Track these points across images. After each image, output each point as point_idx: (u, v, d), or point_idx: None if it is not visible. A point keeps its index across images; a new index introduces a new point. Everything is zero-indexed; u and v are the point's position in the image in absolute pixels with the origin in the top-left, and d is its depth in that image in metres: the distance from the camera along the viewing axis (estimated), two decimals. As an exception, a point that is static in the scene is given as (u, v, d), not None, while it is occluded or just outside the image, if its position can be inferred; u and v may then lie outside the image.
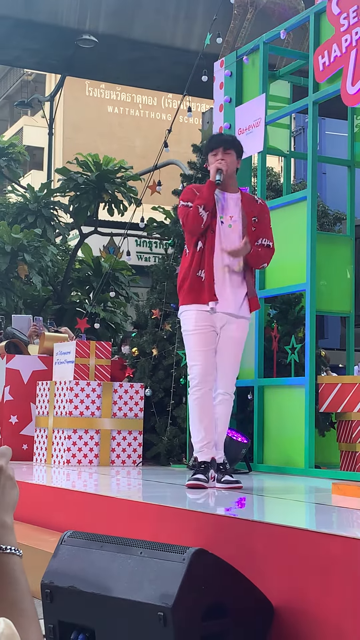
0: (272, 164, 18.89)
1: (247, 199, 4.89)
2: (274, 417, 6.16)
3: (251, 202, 4.89)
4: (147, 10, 12.93)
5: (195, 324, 4.70)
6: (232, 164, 4.82)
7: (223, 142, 4.87)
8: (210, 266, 4.70)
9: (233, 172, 4.85)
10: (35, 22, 12.73)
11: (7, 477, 1.31)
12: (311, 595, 2.77)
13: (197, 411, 4.69)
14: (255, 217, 4.82)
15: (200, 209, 4.70)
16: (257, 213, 4.84)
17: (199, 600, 2.58)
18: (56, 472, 5.91)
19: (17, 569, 1.27)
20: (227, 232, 4.75)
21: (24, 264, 13.31)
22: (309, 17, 6.12)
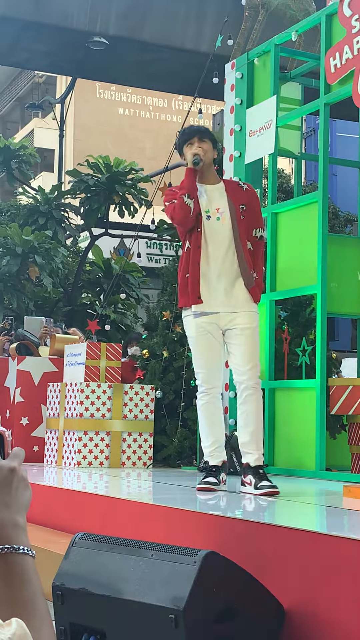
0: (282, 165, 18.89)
1: (232, 187, 4.75)
2: (284, 420, 6.15)
3: (236, 189, 4.73)
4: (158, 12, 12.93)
5: (196, 329, 4.61)
6: (209, 153, 4.70)
7: (198, 132, 4.75)
8: (195, 266, 4.57)
9: (210, 161, 4.73)
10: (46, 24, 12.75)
11: (20, 478, 1.31)
12: (322, 598, 2.76)
13: (205, 416, 4.64)
14: (243, 205, 4.66)
15: (185, 198, 4.57)
16: (245, 200, 4.69)
17: (210, 603, 2.58)
18: (67, 474, 5.91)
19: (30, 569, 1.28)
20: (215, 226, 4.61)
21: (35, 265, 13.32)
22: (321, 19, 6.11)
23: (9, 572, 1.25)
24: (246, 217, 4.66)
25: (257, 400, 4.55)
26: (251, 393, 4.54)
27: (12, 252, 13.25)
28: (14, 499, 1.30)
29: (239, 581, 2.71)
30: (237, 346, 4.57)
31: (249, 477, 4.45)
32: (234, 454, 5.71)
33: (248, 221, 4.66)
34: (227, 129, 6.98)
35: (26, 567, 1.27)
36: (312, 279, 5.97)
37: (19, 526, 1.29)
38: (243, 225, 4.63)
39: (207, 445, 4.63)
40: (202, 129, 4.84)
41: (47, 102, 20.93)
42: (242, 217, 4.64)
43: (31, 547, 1.30)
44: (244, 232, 4.63)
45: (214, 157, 4.78)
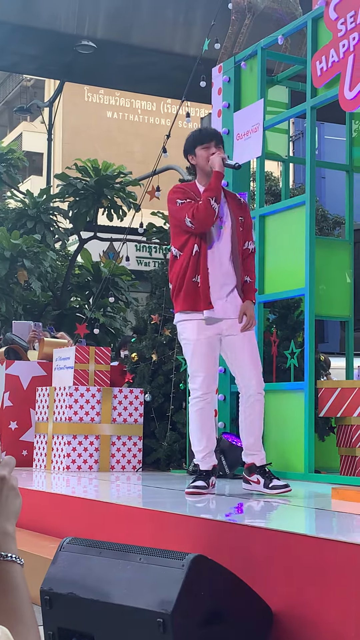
0: (271, 168, 18.92)
1: (232, 199, 4.83)
2: (273, 422, 6.16)
3: (236, 201, 4.83)
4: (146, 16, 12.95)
5: (198, 334, 4.62)
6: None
7: (215, 137, 4.77)
8: (205, 271, 4.60)
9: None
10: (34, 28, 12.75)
11: (10, 487, 1.32)
12: (310, 601, 2.77)
13: (198, 421, 4.66)
14: (241, 218, 4.78)
15: (211, 201, 4.58)
16: (243, 214, 4.81)
17: (198, 606, 2.58)
18: (56, 478, 5.91)
19: (17, 576, 1.28)
20: (219, 232, 4.68)
21: (24, 269, 13.31)
22: (307, 22, 6.13)
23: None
24: (243, 229, 4.78)
25: (262, 405, 4.69)
26: (258, 399, 4.65)
27: (1, 256, 13.22)
28: (3, 507, 1.30)
29: (227, 584, 2.72)
30: (241, 352, 4.64)
31: (256, 476, 4.59)
32: (223, 456, 5.72)
33: (244, 234, 4.78)
34: (214, 132, 6.99)
35: (14, 574, 1.28)
36: (300, 281, 5.98)
37: (8, 534, 1.29)
38: (241, 237, 4.75)
39: (199, 450, 4.66)
40: (219, 135, 4.87)
41: (35, 106, 20.93)
42: (240, 229, 4.76)
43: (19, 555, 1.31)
44: (241, 241, 4.75)
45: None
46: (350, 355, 6.77)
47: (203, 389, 4.62)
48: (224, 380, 6.56)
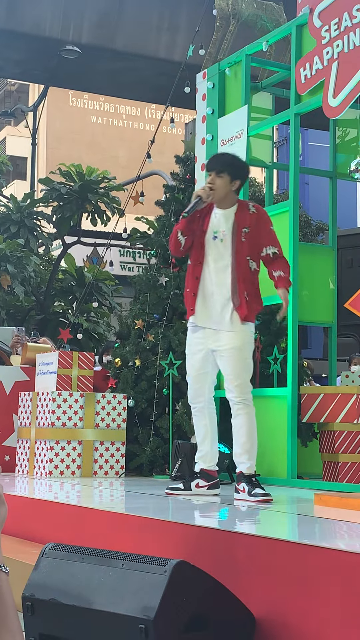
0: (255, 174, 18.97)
1: (241, 210, 4.89)
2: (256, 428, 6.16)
3: (244, 212, 4.87)
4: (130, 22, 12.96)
5: (190, 346, 4.91)
6: (223, 188, 4.82)
7: (215, 167, 4.90)
8: (193, 281, 4.83)
9: (227, 193, 4.85)
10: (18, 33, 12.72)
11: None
12: (293, 607, 2.77)
13: (195, 424, 4.98)
14: (246, 228, 4.81)
15: (178, 234, 4.86)
16: (249, 223, 4.83)
17: (181, 612, 2.58)
18: (38, 484, 5.89)
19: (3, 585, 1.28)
20: (218, 247, 4.82)
21: (7, 274, 13.27)
22: (291, 29, 6.15)
23: None
24: (248, 239, 4.81)
25: (246, 415, 4.78)
26: (240, 408, 4.77)
27: (-16, 260, 13.19)
28: None
29: (210, 590, 2.71)
30: (224, 366, 4.80)
31: (242, 484, 4.67)
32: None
33: (250, 243, 4.81)
34: (198, 138, 7.01)
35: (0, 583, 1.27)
36: (283, 287, 5.99)
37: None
38: (244, 247, 4.79)
39: (198, 451, 4.95)
40: (222, 162, 4.95)
41: (19, 110, 20.89)
42: (242, 239, 4.80)
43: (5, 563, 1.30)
44: (243, 253, 4.78)
45: (234, 188, 4.86)
46: (333, 361, 6.79)
47: (190, 399, 4.94)
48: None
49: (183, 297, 5.07)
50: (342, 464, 5.65)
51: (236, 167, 4.92)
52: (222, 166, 4.87)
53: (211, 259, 4.81)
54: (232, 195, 4.89)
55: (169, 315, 6.99)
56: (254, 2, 7.40)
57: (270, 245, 4.87)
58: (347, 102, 5.54)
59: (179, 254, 4.95)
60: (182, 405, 6.56)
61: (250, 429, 4.77)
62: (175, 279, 7.16)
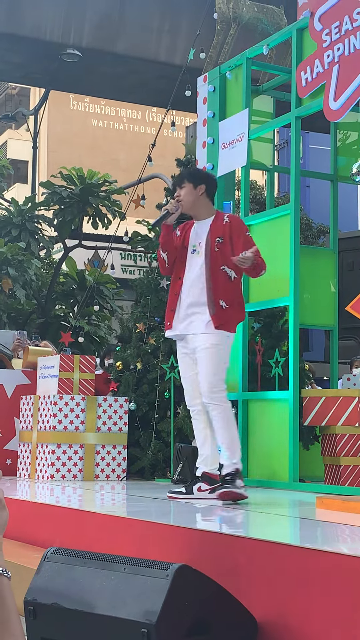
0: (256, 177, 18.98)
1: (216, 221, 4.99)
2: (258, 431, 6.16)
3: (218, 222, 4.97)
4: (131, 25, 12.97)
5: (177, 353, 5.09)
6: (189, 195, 4.97)
7: (175, 182, 5.11)
8: (172, 297, 4.98)
9: (194, 200, 4.98)
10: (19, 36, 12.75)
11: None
12: (295, 611, 2.76)
13: (194, 427, 5.05)
14: (219, 238, 4.90)
15: (160, 252, 5.02)
16: (222, 233, 4.91)
17: (183, 617, 2.58)
18: (40, 487, 5.88)
19: (5, 589, 1.28)
20: (194, 259, 4.94)
21: (8, 277, 13.28)
22: (292, 33, 6.16)
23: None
24: (221, 249, 4.88)
25: (219, 415, 4.81)
26: (212, 408, 4.83)
27: (-15, 264, 13.20)
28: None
29: (212, 594, 2.71)
30: (199, 364, 4.88)
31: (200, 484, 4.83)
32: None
33: (224, 252, 4.87)
34: (199, 141, 7.01)
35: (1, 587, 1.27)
36: (285, 290, 6.00)
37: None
38: (216, 257, 4.87)
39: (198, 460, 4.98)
40: (180, 176, 5.16)
41: (20, 114, 20.92)
42: (216, 249, 4.88)
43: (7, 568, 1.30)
44: (216, 264, 4.85)
45: (200, 193, 4.99)
46: (334, 364, 6.78)
47: (188, 404, 5.04)
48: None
49: None
50: (344, 467, 5.65)
51: (194, 174, 5.09)
52: (181, 179, 5.08)
53: (188, 272, 4.94)
54: (204, 204, 5.01)
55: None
56: (254, 5, 7.41)
57: (247, 249, 4.87)
58: (348, 105, 5.54)
59: (166, 272, 5.09)
60: (184, 408, 6.55)
61: (226, 429, 4.80)
62: (177, 282, 7.15)
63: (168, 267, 5.03)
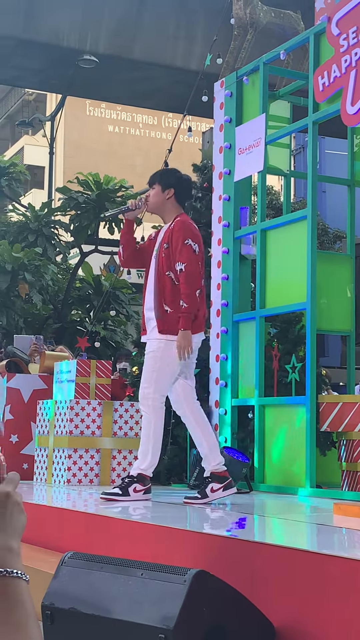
0: (272, 182, 18.96)
1: (170, 225, 5.05)
2: (274, 437, 6.15)
3: (168, 229, 5.03)
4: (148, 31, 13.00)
5: None
6: (155, 197, 5.06)
7: (149, 180, 5.18)
8: (143, 300, 5.09)
9: (160, 203, 5.06)
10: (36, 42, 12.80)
11: (15, 502, 1.32)
12: (312, 617, 2.75)
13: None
14: (166, 244, 4.97)
15: (120, 245, 5.22)
16: (168, 239, 4.97)
17: (200, 622, 2.57)
18: (56, 492, 5.89)
19: (23, 593, 1.28)
20: (152, 264, 5.04)
21: (25, 282, 13.32)
22: (309, 37, 6.15)
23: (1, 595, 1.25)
24: (166, 254, 4.96)
25: (145, 419, 5.00)
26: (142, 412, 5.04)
27: (2, 269, 13.24)
28: (8, 524, 1.30)
29: (229, 600, 2.70)
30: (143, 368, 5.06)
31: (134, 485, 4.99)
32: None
33: (167, 258, 4.96)
34: (216, 146, 7.01)
35: (19, 590, 1.27)
36: (301, 295, 5.99)
37: (13, 550, 1.29)
38: (162, 262, 4.96)
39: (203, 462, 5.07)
40: (151, 176, 5.22)
41: (37, 120, 21.00)
42: (162, 255, 4.97)
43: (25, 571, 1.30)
44: (161, 268, 4.94)
45: (167, 197, 5.05)
46: (351, 369, 6.76)
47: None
48: (225, 394, 6.55)
49: None
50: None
51: (166, 176, 5.13)
52: (153, 178, 5.15)
53: (149, 276, 5.06)
54: (169, 208, 5.06)
55: (186, 323, 6.97)
56: (271, 10, 7.41)
57: (179, 261, 4.92)
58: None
59: (123, 264, 5.28)
60: (200, 413, 6.55)
61: (144, 436, 4.96)
62: (193, 288, 7.15)
63: (123, 260, 5.22)
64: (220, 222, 6.82)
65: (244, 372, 6.50)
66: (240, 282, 6.71)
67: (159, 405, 4.97)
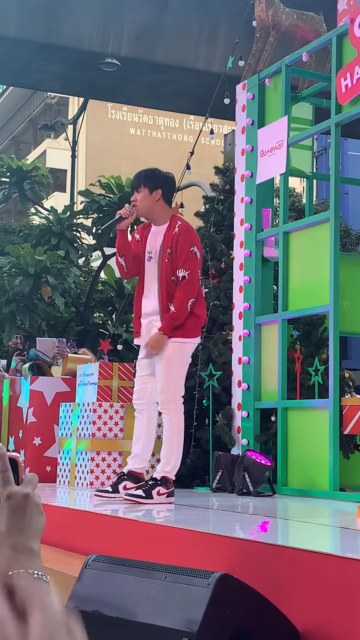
0: (294, 184, 18.92)
1: (170, 229, 4.99)
2: (297, 439, 6.13)
3: (170, 231, 4.96)
4: (169, 34, 13.01)
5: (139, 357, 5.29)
6: (144, 201, 4.98)
7: (133, 185, 5.12)
8: (137, 304, 5.07)
9: (150, 205, 4.99)
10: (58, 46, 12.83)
11: (34, 504, 1.32)
12: (337, 620, 2.74)
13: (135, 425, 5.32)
14: (169, 249, 4.92)
15: (118, 257, 5.08)
16: (171, 243, 4.93)
17: (224, 626, 2.57)
18: (79, 494, 5.90)
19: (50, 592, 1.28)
20: (150, 267, 4.99)
21: (47, 285, 13.36)
22: (332, 39, 6.13)
23: None
24: (170, 260, 4.92)
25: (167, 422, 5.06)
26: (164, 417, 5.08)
27: (25, 272, 13.29)
28: (27, 525, 1.30)
29: (253, 604, 2.69)
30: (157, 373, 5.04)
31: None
32: (246, 473, 5.69)
33: (171, 263, 4.92)
34: (238, 149, 7.01)
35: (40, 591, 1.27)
36: (324, 298, 5.96)
37: (33, 552, 1.29)
38: (167, 267, 4.92)
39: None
40: (136, 178, 5.13)
41: (59, 123, 21.07)
42: (166, 260, 4.92)
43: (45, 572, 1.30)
44: (167, 274, 4.91)
45: (157, 198, 5.00)
46: (374, 372, 6.73)
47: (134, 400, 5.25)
48: (247, 397, 6.54)
49: (222, 309, 5.16)
50: (384, 476, 5.60)
51: (151, 178, 5.04)
52: (138, 181, 5.05)
53: (147, 280, 5.00)
54: (160, 209, 5.00)
55: (208, 326, 6.98)
56: (293, 12, 7.40)
57: (183, 267, 4.91)
58: (389, 111, 5.50)
59: (126, 276, 5.14)
60: (222, 416, 6.54)
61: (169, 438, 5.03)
62: (215, 290, 7.15)
63: (127, 272, 5.08)
64: (242, 225, 6.81)
65: (266, 375, 6.49)
66: (262, 285, 6.69)
67: (180, 407, 5.00)
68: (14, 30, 12.14)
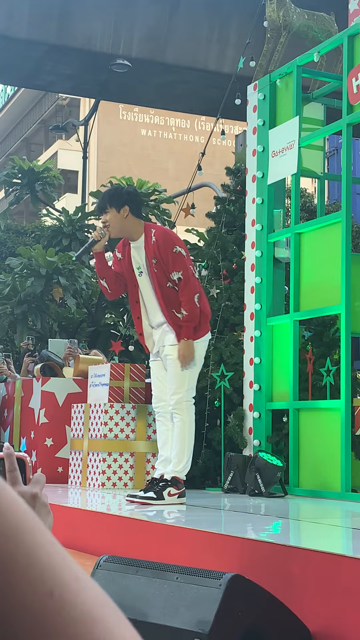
0: (305, 184, 18.90)
1: (147, 240, 5.00)
2: (309, 440, 6.12)
3: (148, 242, 4.98)
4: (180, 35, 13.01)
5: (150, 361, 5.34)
6: (114, 220, 4.99)
7: (99, 207, 5.13)
8: (136, 321, 5.12)
9: (121, 224, 4.99)
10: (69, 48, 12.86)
11: (42, 504, 1.32)
12: (349, 621, 2.73)
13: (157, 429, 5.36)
14: (154, 259, 4.94)
15: (100, 280, 5.15)
16: (153, 253, 4.94)
17: (236, 626, 2.56)
18: (91, 495, 5.91)
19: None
20: (143, 281, 5.02)
21: (59, 286, 13.37)
22: (343, 39, 6.12)
23: None
24: (158, 269, 4.95)
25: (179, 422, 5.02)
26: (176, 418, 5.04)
27: (36, 273, 13.31)
28: None
29: (265, 604, 2.69)
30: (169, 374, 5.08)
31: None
32: (258, 474, 5.69)
33: (161, 271, 4.95)
34: (249, 149, 7.00)
35: None
36: (336, 298, 5.95)
37: None
38: (158, 277, 4.95)
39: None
40: (101, 200, 5.15)
41: (70, 124, 21.09)
42: (155, 270, 4.95)
43: None
44: (160, 282, 4.95)
45: (125, 215, 5.00)
46: (386, 372, 6.71)
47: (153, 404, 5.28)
48: (259, 398, 6.53)
49: (234, 309, 5.19)
50: None
51: (115, 196, 5.05)
52: (103, 203, 5.06)
53: (143, 294, 5.03)
54: (131, 224, 5.01)
55: (220, 327, 6.98)
56: (305, 13, 7.39)
57: (174, 270, 4.93)
58: None
59: (111, 297, 5.20)
60: (234, 417, 6.54)
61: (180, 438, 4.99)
62: (227, 291, 7.15)
63: (111, 293, 5.15)
64: (253, 225, 6.80)
65: (278, 376, 6.48)
66: (274, 285, 6.69)
67: (191, 407, 5.02)
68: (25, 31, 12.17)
